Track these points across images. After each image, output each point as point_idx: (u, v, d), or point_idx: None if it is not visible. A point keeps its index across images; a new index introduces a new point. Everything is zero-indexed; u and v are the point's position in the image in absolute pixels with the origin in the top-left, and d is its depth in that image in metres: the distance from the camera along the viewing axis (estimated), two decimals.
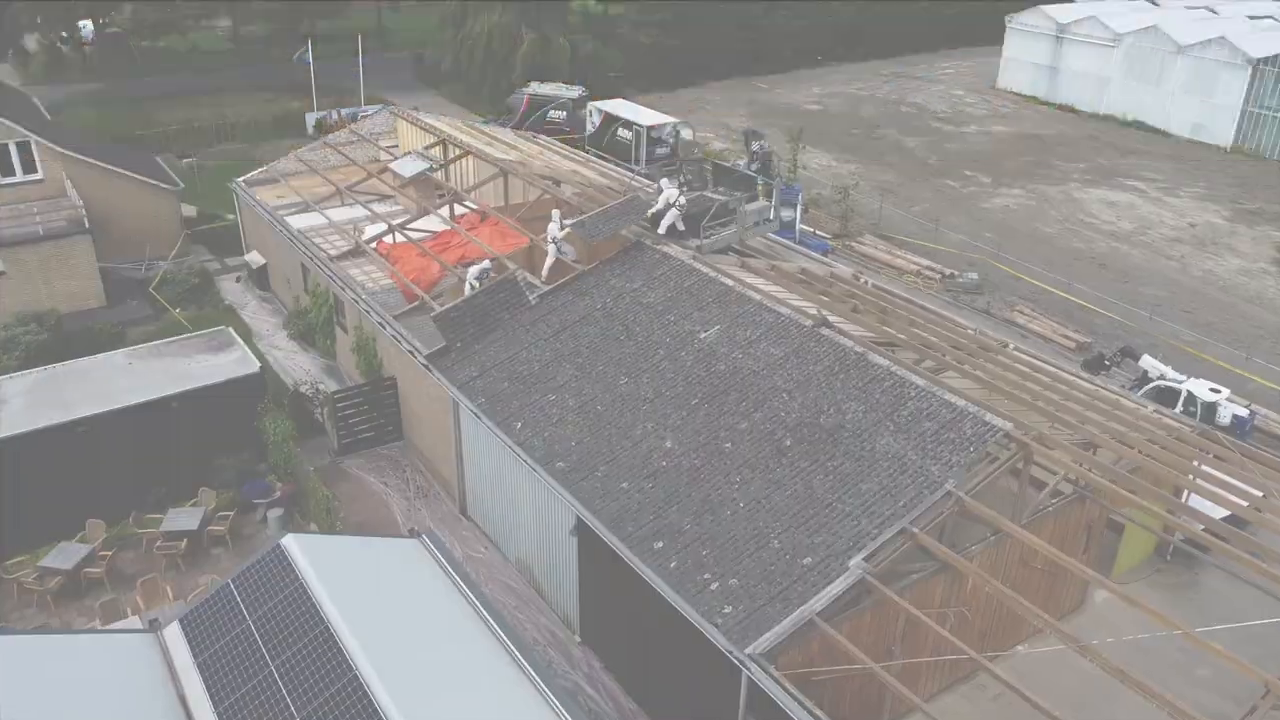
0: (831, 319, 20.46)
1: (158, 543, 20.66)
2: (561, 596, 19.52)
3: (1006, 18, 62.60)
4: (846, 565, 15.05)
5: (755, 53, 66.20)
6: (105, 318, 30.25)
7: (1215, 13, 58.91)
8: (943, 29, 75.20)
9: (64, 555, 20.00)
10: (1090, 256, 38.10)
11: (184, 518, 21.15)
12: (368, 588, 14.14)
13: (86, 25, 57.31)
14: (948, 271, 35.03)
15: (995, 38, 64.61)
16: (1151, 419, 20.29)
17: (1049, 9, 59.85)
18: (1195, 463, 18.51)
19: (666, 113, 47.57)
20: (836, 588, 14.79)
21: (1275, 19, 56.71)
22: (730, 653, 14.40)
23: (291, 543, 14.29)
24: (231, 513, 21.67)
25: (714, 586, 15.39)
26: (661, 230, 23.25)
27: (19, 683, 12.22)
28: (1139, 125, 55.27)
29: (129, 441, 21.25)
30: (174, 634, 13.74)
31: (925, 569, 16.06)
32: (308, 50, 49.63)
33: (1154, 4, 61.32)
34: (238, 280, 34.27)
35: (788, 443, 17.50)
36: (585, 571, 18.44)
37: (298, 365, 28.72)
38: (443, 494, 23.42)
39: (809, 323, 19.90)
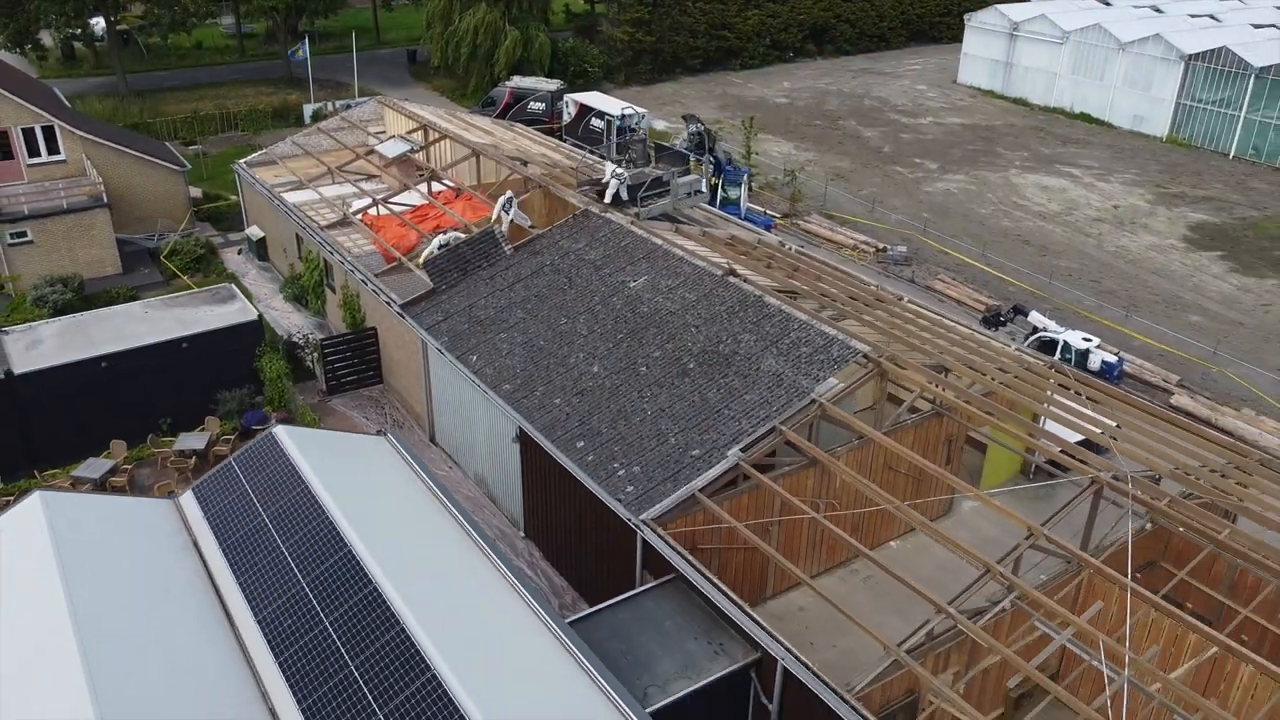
0: (741, 271, 24.20)
1: (170, 459, 24.39)
2: (509, 500, 23.23)
3: (966, 16, 66.25)
4: (726, 454, 18.75)
5: (730, 49, 69.81)
6: (121, 282, 33.97)
7: (1160, 11, 62.47)
8: (911, 27, 78.80)
9: (92, 468, 23.71)
10: (1016, 234, 41.74)
11: (193, 440, 24.89)
12: (340, 464, 17.82)
13: (98, 22, 61.00)
14: (880, 246, 38.70)
15: (960, 35, 68.19)
16: (1011, 355, 23.92)
17: (1004, 8, 63.43)
18: (1048, 392, 22.10)
19: (640, 105, 51.17)
20: (715, 470, 18.50)
21: (1214, 17, 60.25)
22: (629, 520, 18.10)
23: (281, 431, 18.01)
24: (233, 437, 25.40)
25: (620, 473, 19.10)
26: (607, 199, 26.96)
27: (68, 527, 15.91)
28: (1085, 117, 58.90)
29: (145, 376, 24.97)
30: (188, 499, 17.46)
31: (796, 463, 19.70)
32: (304, 47, 53.28)
33: (1106, 3, 64.85)
34: (239, 252, 37.97)
35: (691, 366, 21.21)
36: (527, 476, 22.14)
37: (292, 323, 32.41)
38: (415, 426, 27.14)
39: (720, 272, 23.62)
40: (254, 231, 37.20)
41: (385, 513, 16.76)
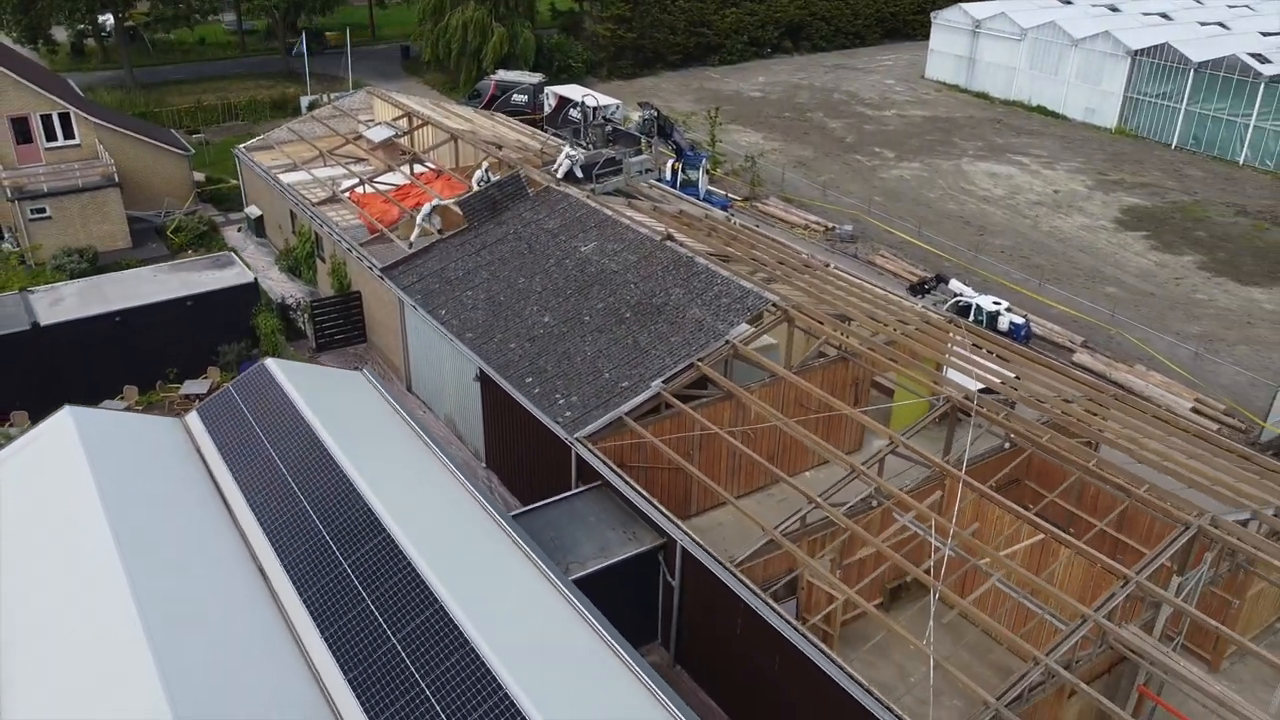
0: (679, 237, 27.48)
1: (176, 403, 27.71)
2: (472, 436, 26.55)
3: (932, 14, 69.48)
4: (649, 385, 22.03)
5: (709, 45, 73.09)
6: (131, 255, 37.32)
7: (1117, 10, 65.60)
8: (886, 25, 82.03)
9: (107, 409, 26.97)
10: (959, 216, 44.99)
11: (196, 386, 28.22)
12: (323, 391, 21.08)
13: (108, 19, 64.38)
14: (829, 225, 41.98)
15: (930, 32, 71.41)
16: (915, 312, 27.18)
17: (968, 6, 66.64)
18: (949, 344, 25.28)
19: (619, 98, 54.47)
20: (639, 398, 21.78)
21: (1165, 15, 63.43)
22: (565, 439, 21.40)
23: (270, 362, 21.31)
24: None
25: (561, 402, 22.40)
26: (560, 175, 30.28)
27: (95, 436, 19.19)
28: (1041, 110, 62.15)
29: (154, 330, 28.29)
30: (192, 418, 20.74)
31: (713, 395, 22.94)
32: (302, 43, 56.61)
33: (1067, 1, 67.93)
34: (239, 230, 41.31)
35: (627, 315, 24.50)
36: (486, 412, 25.44)
37: (286, 291, 35.70)
38: (394, 378, 30.46)
39: (658, 238, 26.90)
40: (252, 210, 40.50)
41: (357, 425, 20.04)
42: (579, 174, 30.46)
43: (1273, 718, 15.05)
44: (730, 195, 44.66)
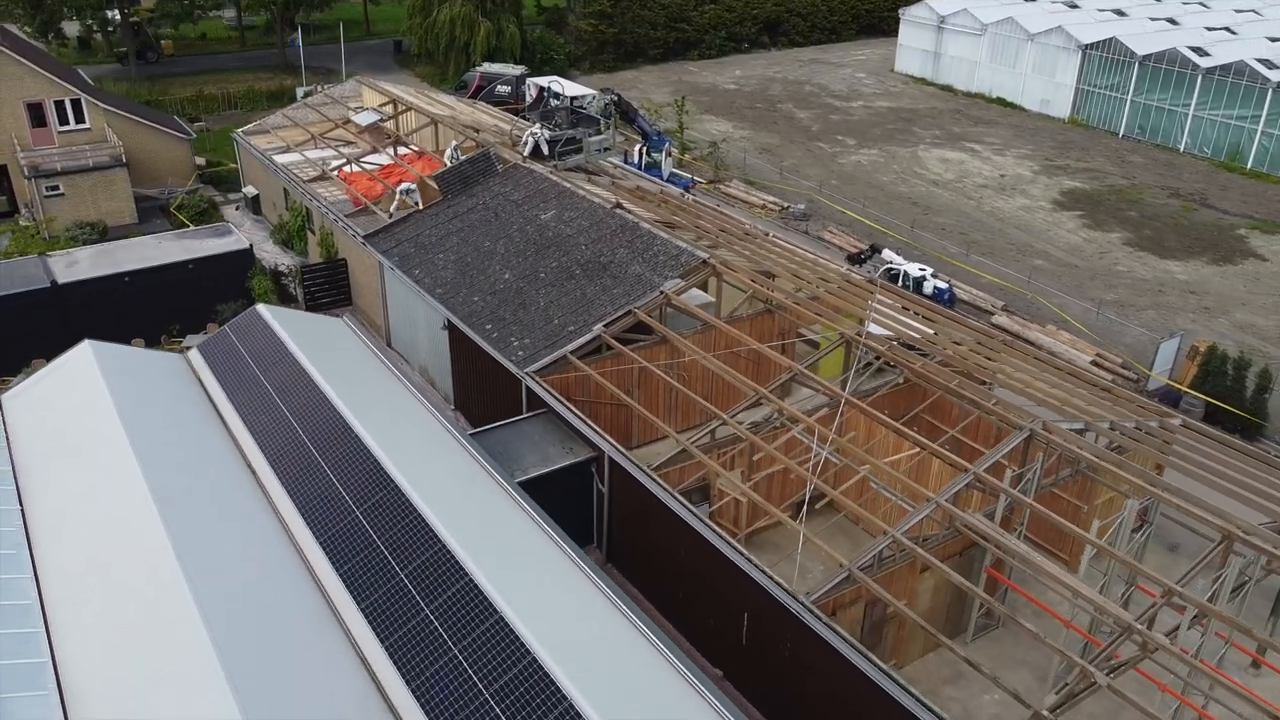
0: (628, 206, 30.75)
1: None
2: (443, 381, 29.81)
3: (900, 10, 72.69)
4: (591, 329, 25.28)
5: (688, 40, 76.34)
6: (137, 230, 40.54)
7: (1075, 6, 68.78)
8: (861, 21, 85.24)
9: None
10: (909, 198, 48.22)
11: (196, 341, 31.36)
12: (307, 331, 24.35)
13: (115, 15, 67.69)
14: (784, 205, 45.23)
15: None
16: (840, 273, 30.40)
17: (933, 2, 69.82)
18: (870, 302, 28.48)
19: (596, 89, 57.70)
20: (582, 339, 25.03)
21: (1119, 11, 66.59)
22: (517, 373, 24.66)
23: (261, 307, 24.59)
24: None
25: (515, 344, 25.67)
26: (526, 152, 33.53)
27: (111, 364, 22.45)
28: (1001, 101, 65.35)
29: (160, 289, 31.56)
30: (194, 354, 24.02)
31: (650, 339, 26.15)
32: (298, 37, 59.90)
33: None
34: (237, 208, 44.56)
35: (577, 272, 27.76)
36: (454, 357, 28.70)
37: (279, 261, 38.95)
38: (376, 335, 33.71)
39: (609, 205, 30.17)
40: (249, 190, 43.76)
41: (337, 360, 23.30)
42: (545, 150, 33.68)
43: (1082, 579, 18.24)
44: (695, 178, 47.83)
